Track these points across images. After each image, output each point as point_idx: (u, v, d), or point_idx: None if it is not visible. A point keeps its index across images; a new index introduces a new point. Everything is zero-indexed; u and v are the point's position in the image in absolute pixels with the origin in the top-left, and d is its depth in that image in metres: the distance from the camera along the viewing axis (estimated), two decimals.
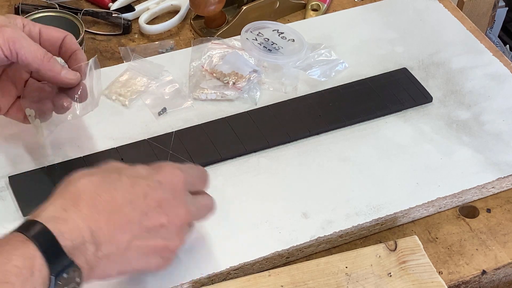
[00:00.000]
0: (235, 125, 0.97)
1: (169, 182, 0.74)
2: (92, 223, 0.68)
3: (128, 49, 1.11)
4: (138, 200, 0.71)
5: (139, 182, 0.72)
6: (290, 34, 1.08)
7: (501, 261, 0.88)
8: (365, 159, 0.95)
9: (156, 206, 0.72)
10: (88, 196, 0.69)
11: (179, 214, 0.74)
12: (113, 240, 0.69)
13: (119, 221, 0.70)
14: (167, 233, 0.73)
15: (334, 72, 1.06)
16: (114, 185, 0.71)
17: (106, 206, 0.69)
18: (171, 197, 0.73)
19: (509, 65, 1.10)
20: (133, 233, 0.71)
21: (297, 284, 0.80)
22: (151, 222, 0.72)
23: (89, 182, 0.70)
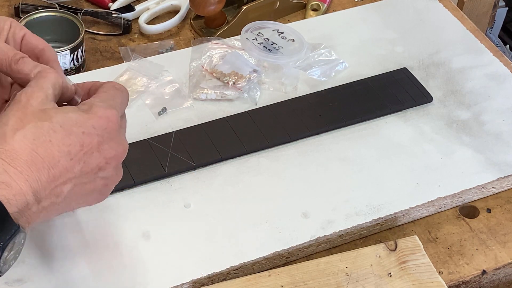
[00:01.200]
0: (235, 125, 0.97)
1: (104, 125, 0.72)
2: (33, 182, 0.67)
3: (128, 49, 1.11)
4: (75, 150, 0.70)
5: (74, 131, 0.70)
6: (290, 34, 1.08)
7: (501, 261, 0.88)
8: (365, 159, 0.95)
9: (93, 152, 0.71)
10: (25, 154, 0.67)
11: (116, 154, 0.73)
12: (53, 192, 0.69)
13: (59, 174, 0.69)
14: (107, 173, 0.73)
15: (334, 72, 1.06)
16: (49, 137, 0.69)
17: (44, 161, 0.68)
18: (107, 140, 0.72)
19: (509, 65, 1.10)
20: (73, 183, 0.70)
21: (297, 284, 0.80)
22: (90, 167, 0.71)
23: (24, 138, 0.68)
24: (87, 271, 0.81)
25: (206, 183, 0.91)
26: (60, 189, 0.70)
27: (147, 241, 0.85)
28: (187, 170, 0.92)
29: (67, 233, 0.84)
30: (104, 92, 0.75)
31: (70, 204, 0.72)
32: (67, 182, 0.70)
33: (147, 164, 0.91)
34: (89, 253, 0.83)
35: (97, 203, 0.76)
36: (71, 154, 0.70)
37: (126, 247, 0.84)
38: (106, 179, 0.74)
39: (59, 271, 0.81)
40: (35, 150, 0.68)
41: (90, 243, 0.84)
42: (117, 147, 0.73)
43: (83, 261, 0.82)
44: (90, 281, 0.80)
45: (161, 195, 0.89)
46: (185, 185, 0.91)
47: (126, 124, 0.78)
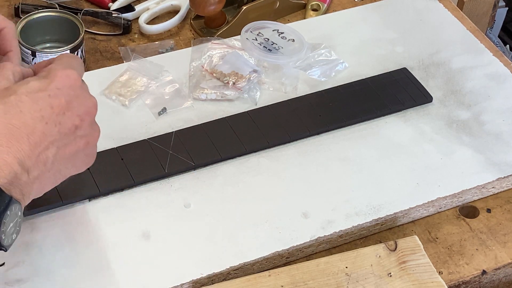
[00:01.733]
0: (235, 125, 0.97)
1: (67, 84, 0.73)
2: (16, 153, 0.68)
3: (128, 49, 1.11)
4: (47, 113, 0.71)
5: (40, 96, 0.71)
6: (290, 34, 1.08)
7: (501, 261, 0.88)
8: (365, 159, 0.95)
9: (65, 112, 0.72)
10: (1, 128, 0.68)
11: (87, 109, 0.75)
12: (39, 160, 0.70)
13: (38, 139, 0.70)
14: (83, 131, 0.74)
15: (334, 72, 1.06)
16: (18, 108, 0.70)
17: (21, 131, 0.69)
18: (74, 98, 0.74)
19: (509, 65, 1.10)
20: (55, 145, 0.72)
21: (297, 284, 0.80)
22: (67, 128, 0.73)
23: None
24: (87, 271, 0.81)
25: (206, 183, 0.91)
26: (45, 155, 0.71)
27: (147, 241, 0.85)
28: (187, 170, 0.92)
29: (67, 233, 0.84)
30: (58, 59, 0.77)
31: (60, 170, 0.73)
32: (49, 146, 0.71)
33: (147, 164, 0.91)
34: (89, 253, 0.83)
35: (86, 168, 0.77)
36: (45, 118, 0.71)
37: (126, 247, 0.84)
38: (85, 137, 0.75)
39: (59, 271, 0.81)
40: (9, 122, 0.69)
41: (90, 243, 0.84)
42: (86, 102, 0.75)
43: (83, 261, 0.82)
44: (90, 281, 0.80)
45: (161, 195, 0.89)
46: (185, 185, 0.91)
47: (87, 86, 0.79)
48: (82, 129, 0.74)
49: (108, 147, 0.92)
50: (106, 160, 0.89)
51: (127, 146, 0.93)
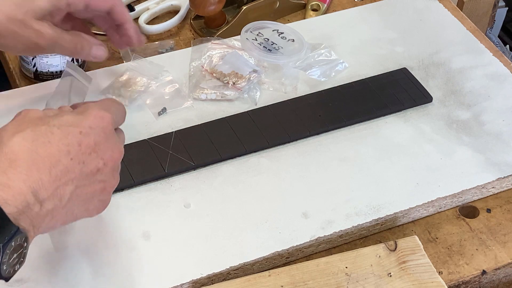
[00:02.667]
0: (235, 125, 0.97)
1: (99, 125, 0.73)
2: (33, 182, 0.67)
3: (128, 49, 1.10)
4: (74, 149, 0.70)
5: (71, 131, 0.71)
6: (290, 34, 1.08)
7: (501, 261, 0.88)
8: (365, 159, 0.95)
9: (91, 152, 0.72)
10: (25, 155, 0.68)
11: (113, 155, 0.74)
12: (56, 193, 0.69)
13: (60, 173, 0.69)
14: (104, 176, 0.73)
15: (334, 72, 1.06)
16: (47, 138, 0.69)
17: (44, 161, 0.68)
18: (103, 140, 0.73)
19: (509, 65, 1.10)
20: (74, 183, 0.70)
21: (297, 284, 0.80)
22: (89, 169, 0.72)
23: (23, 140, 0.69)
24: (87, 271, 0.81)
25: (206, 183, 0.91)
26: (63, 190, 0.69)
27: (147, 241, 0.85)
28: (187, 170, 0.92)
29: (67, 233, 0.84)
30: (100, 100, 0.78)
31: (73, 210, 0.72)
32: (68, 183, 0.70)
33: (147, 164, 0.91)
34: (89, 253, 0.83)
35: (97, 214, 0.76)
36: (71, 153, 0.70)
37: (126, 247, 0.84)
38: (104, 183, 0.74)
39: (59, 271, 0.81)
40: (35, 150, 0.68)
41: (90, 243, 0.84)
42: (113, 147, 0.74)
43: (83, 261, 0.82)
44: (90, 281, 0.80)
45: (161, 195, 0.89)
46: (185, 185, 0.91)
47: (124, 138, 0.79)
48: (103, 173, 0.73)
49: None
50: None
51: (127, 146, 0.93)
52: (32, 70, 1.04)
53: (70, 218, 0.73)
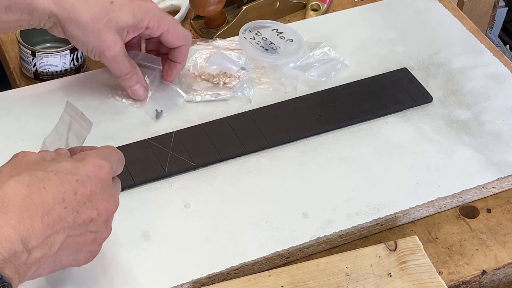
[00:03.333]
0: (235, 125, 0.97)
1: (97, 175, 0.72)
2: (23, 230, 0.65)
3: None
4: (69, 198, 0.69)
5: (68, 178, 0.70)
6: (289, 34, 1.08)
7: (501, 261, 0.88)
8: (365, 159, 0.95)
9: (86, 201, 0.71)
10: (19, 200, 0.66)
11: (108, 206, 0.73)
12: (46, 242, 0.68)
13: (52, 222, 0.68)
14: (97, 226, 0.72)
15: (334, 71, 1.06)
16: (43, 184, 0.68)
17: (37, 208, 0.67)
18: (100, 190, 0.72)
19: (509, 65, 1.10)
20: (66, 232, 0.69)
21: (297, 284, 0.80)
22: (82, 219, 0.70)
23: (18, 184, 0.67)
24: (87, 271, 0.81)
25: (206, 183, 0.91)
26: (54, 239, 0.68)
27: (147, 241, 0.85)
28: (187, 170, 0.92)
29: None
30: (100, 149, 0.77)
31: (61, 259, 0.71)
32: (60, 231, 0.69)
33: (147, 164, 0.91)
34: None
35: (84, 264, 0.75)
36: (66, 202, 0.69)
37: (126, 247, 0.84)
38: (95, 233, 0.73)
39: (59, 272, 0.80)
40: (29, 196, 0.67)
41: None
42: (109, 198, 0.73)
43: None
44: (90, 281, 0.80)
45: (161, 195, 0.89)
46: (185, 185, 0.91)
47: (119, 188, 0.78)
48: (96, 224, 0.72)
49: None
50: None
51: (127, 146, 0.93)
52: (32, 70, 1.04)
53: (57, 266, 0.71)
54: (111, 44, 0.91)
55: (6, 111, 0.97)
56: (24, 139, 0.93)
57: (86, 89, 1.01)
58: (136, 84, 0.97)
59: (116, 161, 0.77)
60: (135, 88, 0.97)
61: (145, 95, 0.98)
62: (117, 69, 0.94)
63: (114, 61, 0.93)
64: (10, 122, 0.96)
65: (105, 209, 0.73)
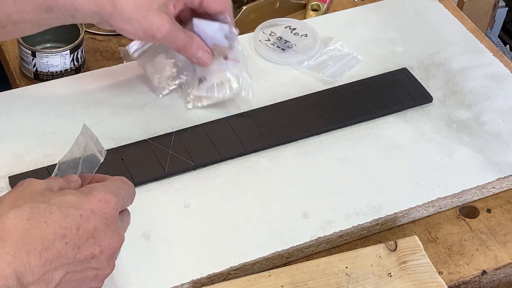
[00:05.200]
0: (235, 125, 0.97)
1: (102, 210, 0.70)
2: (19, 265, 0.63)
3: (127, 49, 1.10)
4: (71, 233, 0.67)
5: (71, 213, 0.68)
6: (303, 29, 1.08)
7: (501, 261, 0.88)
8: (365, 159, 0.95)
9: (89, 237, 0.68)
10: (18, 234, 0.64)
11: (111, 243, 0.70)
12: (44, 278, 0.65)
13: (51, 258, 0.66)
14: (99, 263, 0.70)
15: (348, 68, 1.06)
16: (44, 217, 0.66)
17: (36, 242, 0.65)
18: (104, 227, 0.70)
19: (509, 65, 1.10)
20: (65, 269, 0.67)
21: (297, 284, 0.80)
22: (83, 255, 0.68)
23: (18, 216, 0.65)
24: None
25: (206, 183, 0.91)
26: (51, 276, 0.66)
27: (147, 241, 0.85)
28: (187, 170, 0.92)
29: None
30: (110, 181, 0.74)
31: None
32: (59, 268, 0.66)
33: (147, 164, 0.91)
34: None
35: None
36: (67, 237, 0.67)
37: (126, 247, 0.84)
38: (97, 270, 0.70)
39: None
40: (29, 230, 0.65)
41: None
42: (113, 235, 0.71)
43: None
44: None
45: (161, 195, 0.89)
46: (185, 185, 0.91)
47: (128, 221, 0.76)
48: (98, 260, 0.69)
49: (108, 147, 0.92)
50: (106, 160, 0.89)
51: (127, 146, 0.93)
52: (32, 70, 1.04)
53: None
54: (159, 26, 0.90)
55: (6, 111, 0.97)
56: (24, 139, 0.94)
57: (86, 89, 1.01)
58: (197, 52, 0.94)
59: (125, 194, 0.74)
60: (198, 56, 0.94)
61: (210, 60, 0.96)
62: (174, 45, 0.93)
63: (167, 39, 0.92)
64: (10, 122, 0.95)
65: (108, 246, 0.70)
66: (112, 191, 0.72)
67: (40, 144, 0.92)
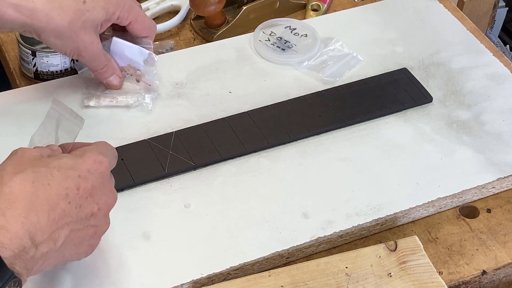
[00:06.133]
0: (235, 125, 0.97)
1: (97, 170, 0.74)
2: (31, 226, 0.67)
3: None
4: (72, 193, 0.71)
5: (70, 174, 0.71)
6: (303, 29, 1.08)
7: (501, 261, 0.88)
8: (365, 159, 0.95)
9: (88, 196, 0.72)
10: (25, 197, 0.68)
11: (107, 200, 0.75)
12: (52, 237, 0.69)
13: (57, 217, 0.69)
14: (97, 220, 0.74)
15: (348, 68, 1.06)
16: (47, 180, 0.70)
17: (43, 204, 0.68)
18: (100, 185, 0.74)
19: (509, 65, 1.10)
20: (70, 227, 0.71)
21: (297, 284, 0.80)
22: (84, 213, 0.72)
23: (23, 181, 0.69)
24: (87, 271, 0.81)
25: (206, 183, 0.91)
26: (58, 234, 0.70)
27: (147, 241, 0.85)
28: (187, 170, 0.92)
29: None
30: (95, 144, 0.78)
31: (64, 253, 0.72)
32: (64, 226, 0.70)
33: (147, 164, 0.91)
34: None
35: (84, 257, 0.76)
36: (69, 197, 0.70)
37: (126, 247, 0.84)
38: (95, 227, 0.74)
39: (59, 272, 0.81)
40: (35, 193, 0.68)
41: None
42: (109, 192, 0.75)
43: (83, 261, 0.81)
44: (90, 281, 0.80)
45: (161, 195, 0.89)
46: (185, 185, 0.91)
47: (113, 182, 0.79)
48: (96, 218, 0.73)
49: None
50: None
51: (127, 146, 0.93)
52: (33, 70, 1.04)
53: (60, 260, 0.73)
54: (88, 45, 0.93)
55: (6, 111, 0.97)
56: (24, 139, 0.93)
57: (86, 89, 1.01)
58: (111, 76, 0.98)
59: (112, 156, 0.78)
60: (110, 79, 0.98)
61: (120, 85, 0.99)
62: (94, 65, 0.96)
63: (90, 59, 0.95)
64: (10, 122, 0.96)
65: (105, 203, 0.74)
66: (102, 152, 0.76)
67: None
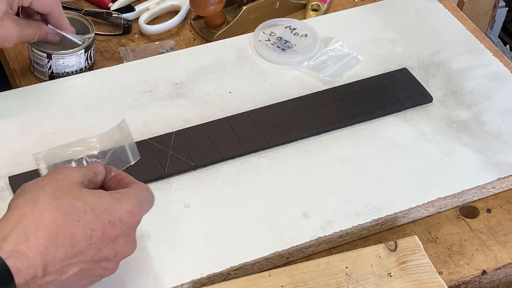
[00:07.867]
0: (235, 125, 0.97)
1: (128, 221, 0.74)
2: (48, 256, 0.68)
3: (128, 49, 1.11)
4: (97, 236, 0.71)
5: (102, 217, 0.72)
6: (303, 29, 1.08)
7: (501, 261, 0.88)
8: (365, 159, 0.95)
9: (110, 242, 0.73)
10: (52, 227, 0.69)
11: (126, 251, 0.75)
12: (61, 270, 0.70)
13: (73, 255, 0.70)
14: (108, 264, 0.74)
15: (348, 68, 1.06)
16: (78, 216, 0.71)
17: (66, 239, 0.69)
18: (125, 235, 0.74)
19: (509, 65, 1.10)
20: (81, 266, 0.71)
21: (297, 284, 0.80)
22: (100, 256, 0.73)
23: (56, 211, 0.70)
24: None
25: (206, 183, 0.91)
26: (68, 269, 0.70)
27: (147, 241, 0.85)
28: (187, 170, 0.92)
29: None
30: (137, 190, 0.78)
31: (63, 284, 0.72)
32: (76, 264, 0.71)
33: (147, 164, 0.91)
34: None
35: None
36: (92, 239, 0.71)
37: None
38: (104, 270, 0.74)
39: None
40: (63, 225, 0.69)
41: None
42: (130, 244, 0.75)
43: None
44: None
45: (161, 195, 0.89)
46: (185, 185, 0.91)
47: None
48: (108, 262, 0.74)
49: None
50: None
51: None
52: (48, 72, 1.04)
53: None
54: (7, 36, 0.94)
55: (6, 111, 0.97)
56: (24, 139, 0.94)
57: (86, 89, 1.01)
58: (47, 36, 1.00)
59: (148, 206, 0.78)
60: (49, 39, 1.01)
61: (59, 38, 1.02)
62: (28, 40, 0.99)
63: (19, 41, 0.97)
64: (10, 122, 0.95)
65: (122, 252, 0.75)
66: (142, 204, 0.76)
67: (40, 144, 0.92)
